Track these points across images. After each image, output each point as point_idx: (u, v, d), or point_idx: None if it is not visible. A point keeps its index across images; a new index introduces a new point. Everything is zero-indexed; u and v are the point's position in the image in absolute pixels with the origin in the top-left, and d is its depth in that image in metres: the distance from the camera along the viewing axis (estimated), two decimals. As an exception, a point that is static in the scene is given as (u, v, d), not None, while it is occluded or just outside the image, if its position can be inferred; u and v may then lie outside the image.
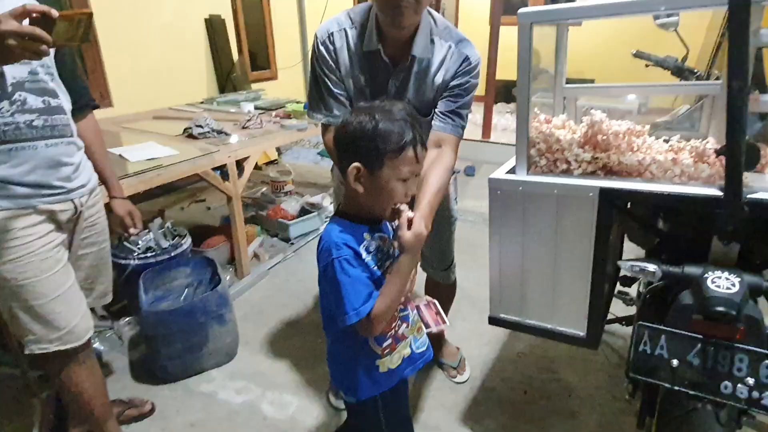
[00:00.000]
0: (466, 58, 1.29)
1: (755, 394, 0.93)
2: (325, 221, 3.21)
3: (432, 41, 1.29)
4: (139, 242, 2.18)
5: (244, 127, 2.73)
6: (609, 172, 1.15)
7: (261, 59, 4.86)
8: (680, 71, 1.95)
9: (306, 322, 2.32)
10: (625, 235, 1.57)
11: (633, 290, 1.64)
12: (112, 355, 2.07)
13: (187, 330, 1.84)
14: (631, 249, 1.58)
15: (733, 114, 0.92)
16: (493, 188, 1.22)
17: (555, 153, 1.20)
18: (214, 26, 4.07)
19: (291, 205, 3.19)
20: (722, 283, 0.98)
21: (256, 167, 4.10)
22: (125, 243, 2.17)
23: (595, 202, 1.10)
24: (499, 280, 1.31)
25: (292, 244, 3.01)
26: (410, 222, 0.95)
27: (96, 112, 1.51)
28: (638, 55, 2.11)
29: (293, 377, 1.95)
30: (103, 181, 1.49)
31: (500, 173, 1.24)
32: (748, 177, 1.06)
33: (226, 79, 4.22)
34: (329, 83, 1.35)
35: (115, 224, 1.55)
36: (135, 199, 2.04)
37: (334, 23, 1.35)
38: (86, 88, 1.47)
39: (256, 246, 2.85)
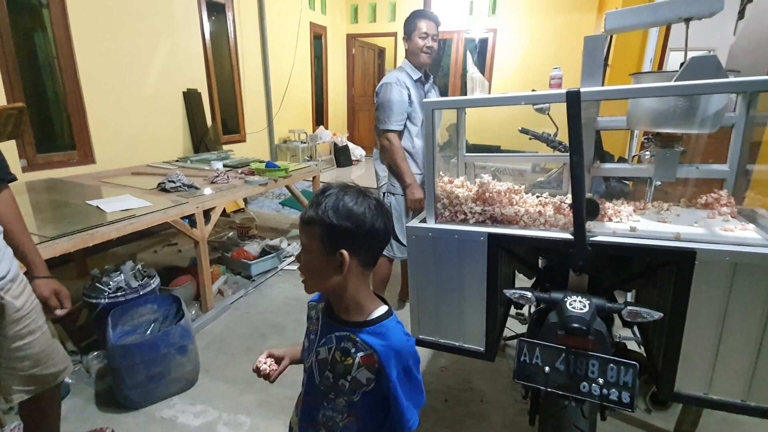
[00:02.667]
0: None
1: (605, 391, 1.02)
2: (283, 260, 3.17)
3: None
4: (111, 282, 2.06)
5: (212, 182, 2.70)
6: (495, 221, 1.25)
7: (232, 125, 4.87)
8: (551, 143, 2.16)
9: (262, 348, 2.24)
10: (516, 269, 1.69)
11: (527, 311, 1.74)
12: (80, 387, 1.89)
13: (151, 361, 1.72)
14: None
15: (575, 179, 1.05)
16: (410, 234, 1.29)
17: (455, 206, 1.29)
18: (190, 98, 4.05)
19: (253, 247, 3.13)
20: (577, 305, 1.08)
21: (225, 215, 4.03)
22: (97, 284, 2.04)
23: (485, 244, 1.19)
24: (417, 307, 1.35)
25: (253, 280, 2.94)
26: None
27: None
28: (523, 131, 2.31)
29: (248, 399, 1.86)
30: (22, 260, 1.18)
31: (415, 222, 1.31)
32: (591, 224, 1.20)
33: (201, 141, 4.17)
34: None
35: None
36: (109, 244, 1.94)
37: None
38: (3, 161, 1.18)
39: (221, 283, 2.75)
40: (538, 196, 1.39)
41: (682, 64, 1.01)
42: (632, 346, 1.64)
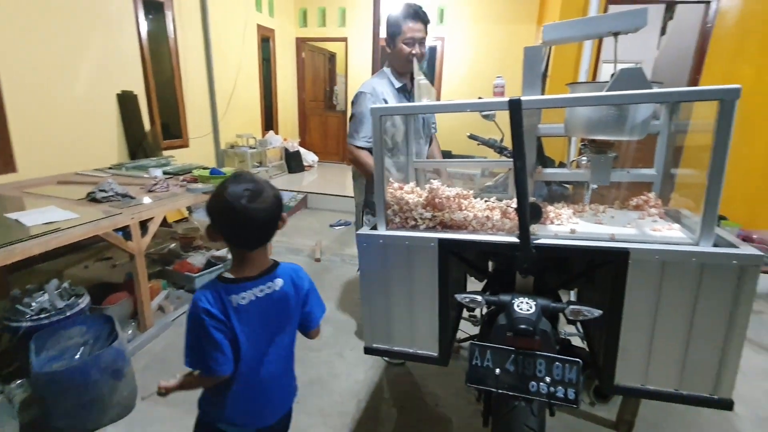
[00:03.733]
0: None
1: (552, 389, 1.05)
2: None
3: None
4: (33, 303, 1.85)
5: (150, 191, 2.52)
6: (445, 226, 1.27)
7: (173, 129, 4.60)
8: (497, 148, 2.24)
9: (209, 366, 2.12)
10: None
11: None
12: (2, 420, 1.68)
13: (81, 387, 1.57)
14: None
15: (519, 184, 1.08)
16: (360, 242, 1.27)
17: (406, 213, 1.29)
18: (125, 101, 3.78)
19: (197, 259, 2.96)
20: (523, 306, 1.11)
21: (167, 225, 3.79)
22: (17, 305, 1.83)
23: (435, 250, 1.20)
24: (370, 315, 1.33)
25: (199, 294, 2.77)
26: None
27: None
28: (471, 137, 2.38)
29: (189, 423, 1.74)
30: None
31: (365, 230, 1.29)
32: (535, 228, 1.24)
33: (138, 147, 3.90)
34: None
35: None
36: (32, 260, 1.75)
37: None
38: None
39: (162, 299, 2.57)
40: (486, 201, 1.42)
41: (612, 75, 1.08)
42: (577, 342, 1.72)
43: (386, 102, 1.91)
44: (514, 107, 1.05)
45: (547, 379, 1.05)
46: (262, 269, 1.06)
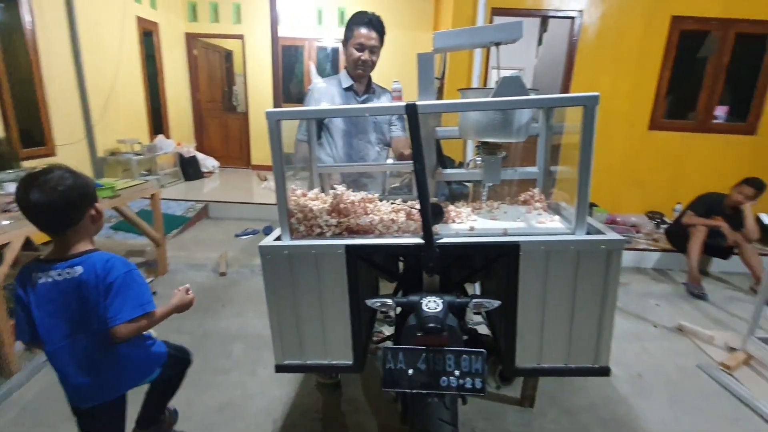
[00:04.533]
0: None
1: (461, 381, 1.10)
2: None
3: None
4: None
5: (5, 210, 2.11)
6: (351, 232, 1.25)
7: (35, 135, 3.92)
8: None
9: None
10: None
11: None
12: None
13: None
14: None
15: (420, 185, 1.11)
16: (263, 254, 1.20)
17: (311, 221, 1.25)
18: (-36, 101, 3.12)
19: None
20: (431, 305, 1.14)
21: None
22: None
23: (343, 257, 1.18)
24: (279, 330, 1.26)
25: (79, 326, 2.40)
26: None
27: None
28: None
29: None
30: None
31: (269, 240, 1.23)
32: (438, 227, 1.29)
33: (-13, 157, 3.24)
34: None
35: None
36: None
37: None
38: None
39: (28, 337, 2.16)
40: (392, 203, 1.45)
41: (496, 82, 1.16)
42: (485, 330, 1.84)
43: (333, 100, 1.93)
44: (411, 112, 1.08)
45: (456, 372, 1.10)
46: (67, 254, 1.14)
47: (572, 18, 4.04)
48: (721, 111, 4.27)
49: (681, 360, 2.34)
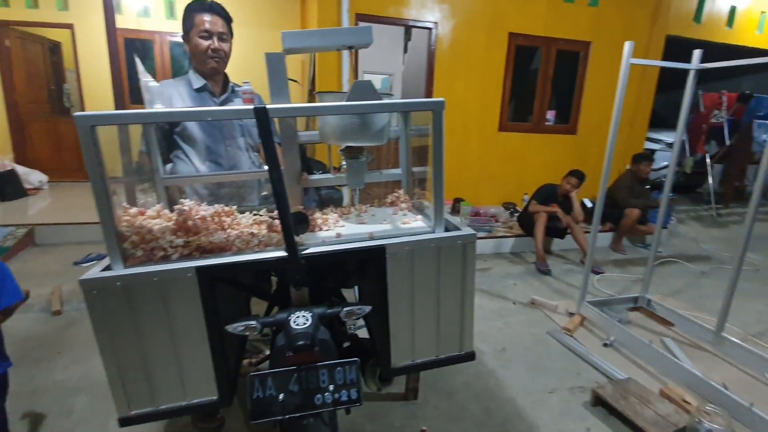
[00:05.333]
0: None
1: (336, 395, 1.06)
2: None
3: None
4: None
5: None
6: (205, 251, 1.11)
7: None
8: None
9: None
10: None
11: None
12: None
13: None
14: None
15: (277, 194, 1.03)
16: (87, 290, 0.98)
17: (150, 243, 1.07)
18: None
19: None
20: (300, 320, 1.08)
21: None
22: None
23: (194, 280, 1.03)
24: (119, 378, 1.05)
25: None
26: None
27: None
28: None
29: None
30: None
31: (94, 272, 1.01)
32: (304, 237, 1.23)
33: None
34: None
35: None
36: None
37: None
38: None
39: None
40: (255, 214, 1.33)
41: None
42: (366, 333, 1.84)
43: (173, 106, 1.66)
44: (260, 116, 1.00)
45: (331, 387, 1.06)
46: None
47: (429, 29, 4.36)
48: (550, 115, 5.09)
49: (534, 329, 2.69)
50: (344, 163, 1.52)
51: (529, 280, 3.54)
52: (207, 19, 1.65)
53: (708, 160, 5.88)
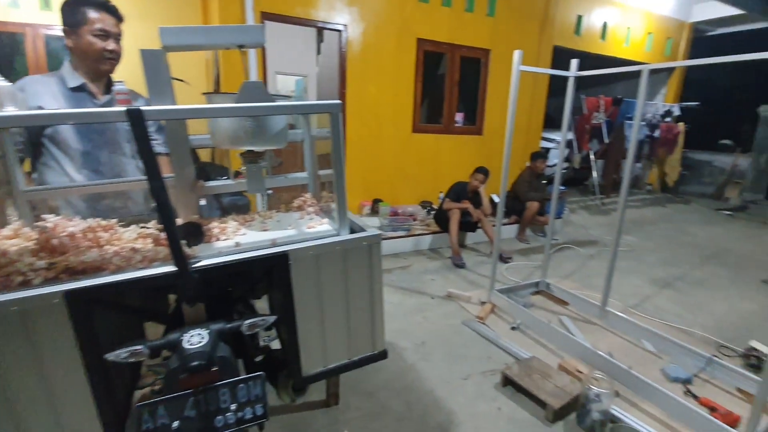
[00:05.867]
0: None
1: (239, 414, 1.00)
2: None
3: None
4: None
5: None
6: (76, 272, 0.98)
7: None
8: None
9: None
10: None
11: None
12: None
13: None
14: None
15: (159, 205, 0.95)
16: None
17: (5, 267, 0.92)
18: None
19: None
20: (195, 339, 1.00)
21: None
22: None
23: (63, 306, 0.90)
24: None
25: None
26: None
27: None
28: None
29: None
30: None
31: (-76, 308, 0.84)
32: (198, 249, 1.14)
33: None
34: None
35: None
36: None
37: None
38: None
39: None
40: (142, 227, 1.21)
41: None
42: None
43: (42, 106, 1.43)
44: (135, 119, 0.90)
45: (233, 406, 1.00)
46: None
47: (339, 31, 4.36)
48: (459, 117, 5.39)
49: (451, 321, 2.83)
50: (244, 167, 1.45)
51: (446, 274, 3.71)
52: (103, 18, 1.50)
53: (591, 156, 6.69)
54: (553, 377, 2.10)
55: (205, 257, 1.08)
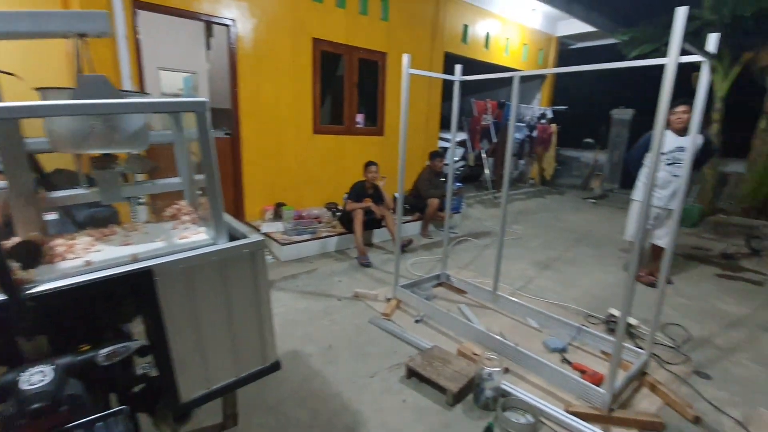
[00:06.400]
0: None
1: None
2: None
3: None
4: None
5: None
6: None
7: None
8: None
9: None
10: None
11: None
12: None
13: None
14: None
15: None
16: None
17: None
18: None
19: None
20: (35, 378, 0.84)
21: None
22: None
23: None
24: None
25: None
26: None
27: None
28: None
29: None
30: None
31: None
32: (37, 271, 0.97)
33: None
34: None
35: None
36: None
37: None
38: None
39: None
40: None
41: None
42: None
43: None
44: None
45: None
46: None
47: (227, 26, 4.11)
48: (360, 118, 5.45)
49: (358, 320, 2.84)
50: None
51: (353, 274, 3.72)
52: None
53: (483, 155, 7.29)
54: (453, 363, 2.23)
55: (45, 281, 0.92)
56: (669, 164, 3.41)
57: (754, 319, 3.08)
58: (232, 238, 1.21)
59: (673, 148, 3.36)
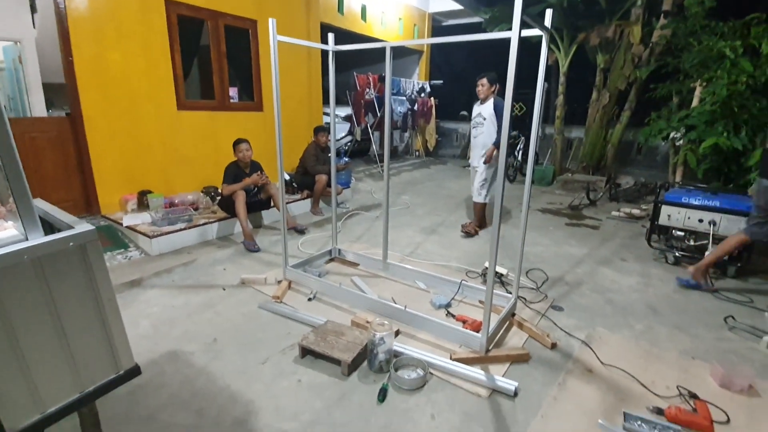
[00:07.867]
0: None
1: None
2: None
3: None
4: None
5: None
6: None
7: None
8: None
9: None
10: None
11: None
12: None
13: None
14: None
15: None
16: None
17: None
18: None
19: None
20: None
21: None
22: None
23: None
24: None
25: None
26: None
27: None
28: None
29: None
30: None
31: None
32: None
33: None
34: None
35: None
36: None
37: None
38: None
39: None
40: None
41: None
42: None
43: None
44: None
45: None
46: None
47: (48, -21, 3.35)
48: (234, 92, 5.02)
49: (246, 308, 2.68)
50: None
51: (239, 260, 3.49)
52: None
53: (369, 129, 7.38)
54: (346, 334, 2.25)
55: None
56: (473, 128, 4.07)
57: (593, 256, 3.73)
58: (56, 231, 1.00)
59: (475, 114, 4.02)
